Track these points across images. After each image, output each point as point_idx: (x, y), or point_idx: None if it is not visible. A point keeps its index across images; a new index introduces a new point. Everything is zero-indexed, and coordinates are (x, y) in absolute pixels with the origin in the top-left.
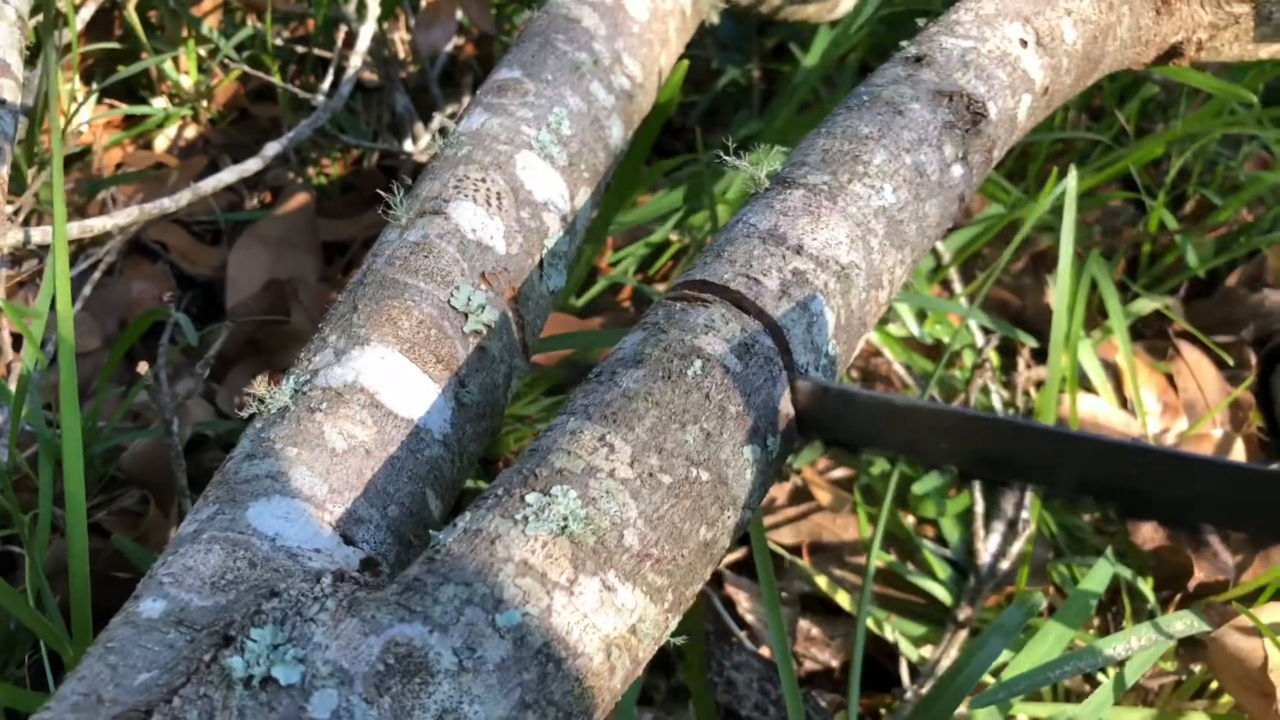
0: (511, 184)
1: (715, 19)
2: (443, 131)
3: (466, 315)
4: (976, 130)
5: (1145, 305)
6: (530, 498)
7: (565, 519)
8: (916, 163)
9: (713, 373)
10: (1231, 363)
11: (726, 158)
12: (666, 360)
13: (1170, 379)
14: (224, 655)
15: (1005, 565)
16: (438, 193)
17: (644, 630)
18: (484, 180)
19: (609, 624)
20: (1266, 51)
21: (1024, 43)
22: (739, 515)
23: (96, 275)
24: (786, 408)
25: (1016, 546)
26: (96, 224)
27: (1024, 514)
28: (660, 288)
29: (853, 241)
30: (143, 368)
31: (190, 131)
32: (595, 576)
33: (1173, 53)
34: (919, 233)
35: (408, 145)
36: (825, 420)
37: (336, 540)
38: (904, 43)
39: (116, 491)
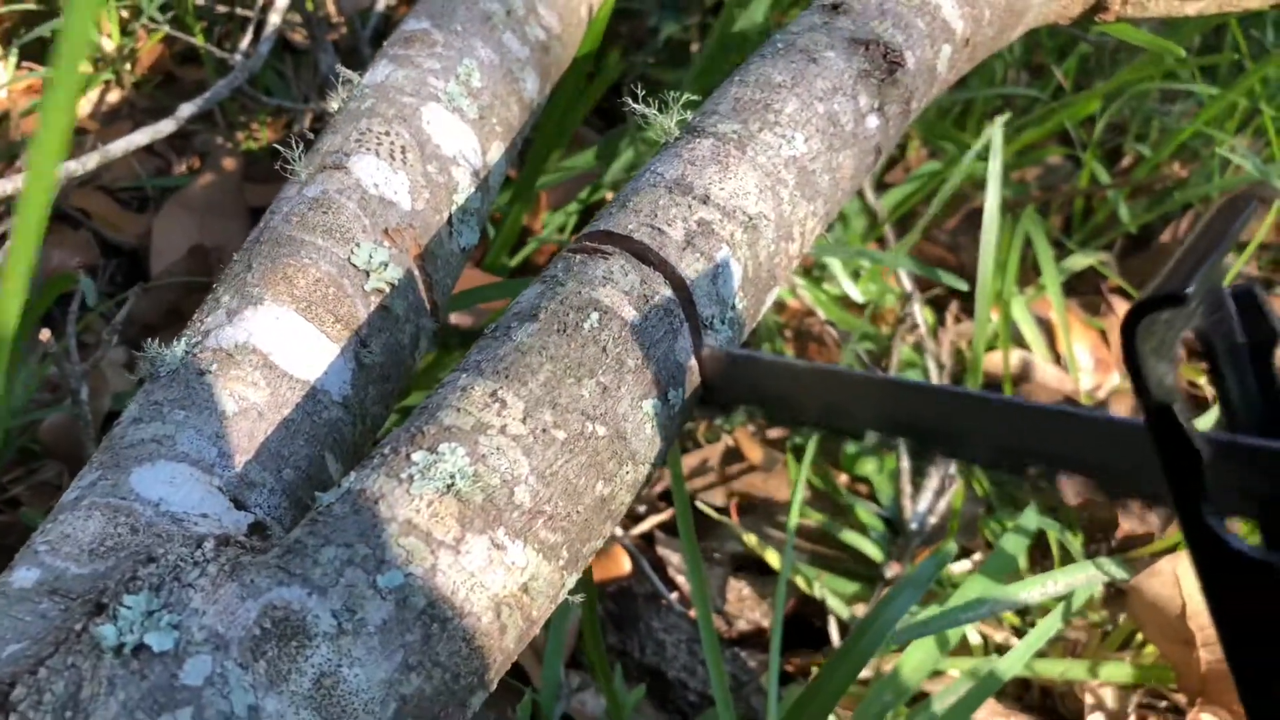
0: (418, 138)
1: None
2: (346, 84)
3: (368, 273)
4: (893, 79)
5: (1079, 261)
6: (416, 456)
7: (452, 477)
8: (830, 112)
9: (610, 325)
10: None
11: (635, 106)
12: (562, 313)
13: (1104, 335)
14: (95, 624)
15: (935, 521)
16: (339, 147)
17: (537, 588)
18: (387, 134)
19: (498, 583)
20: (1193, 8)
21: None
22: (638, 470)
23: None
24: (690, 361)
25: (944, 503)
26: (4, 185)
27: (951, 471)
28: None
29: (761, 191)
30: (44, 335)
31: (114, 96)
32: (484, 535)
33: (1099, 7)
34: (832, 184)
35: (334, 108)
36: (734, 387)
37: (226, 505)
38: None
39: (34, 465)
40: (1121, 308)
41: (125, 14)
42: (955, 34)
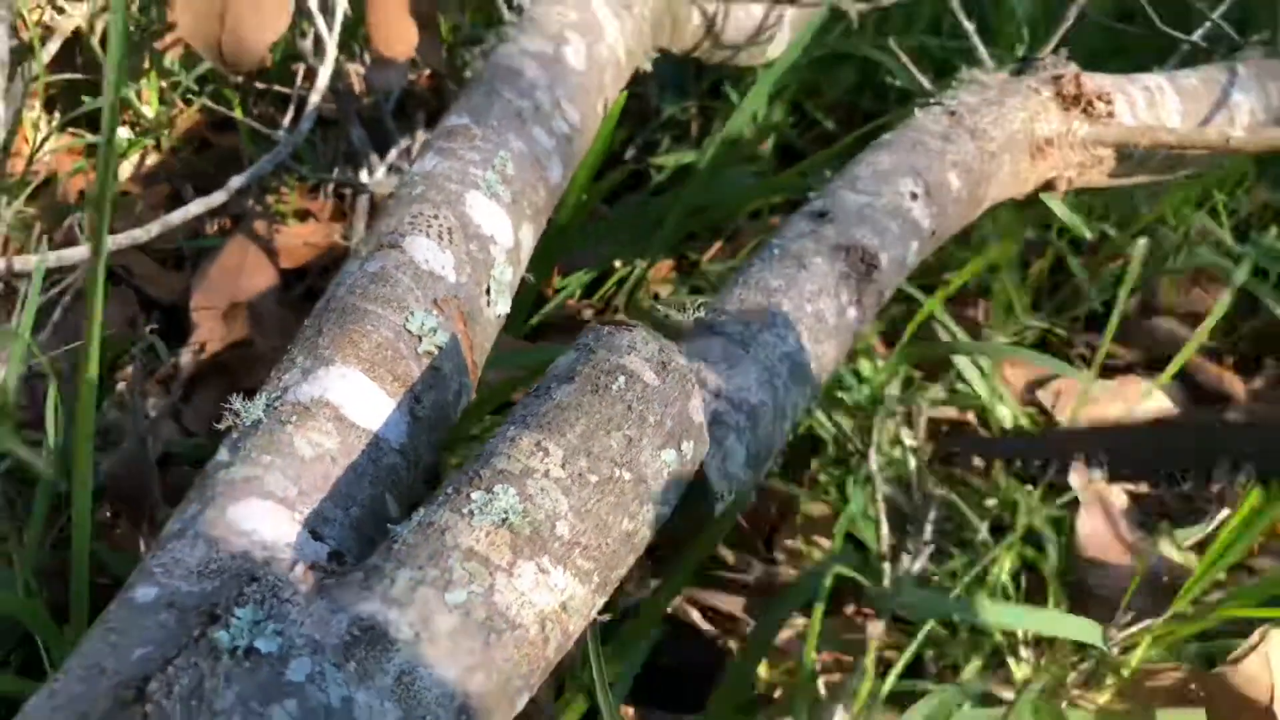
0: (461, 220)
1: (648, 66)
2: (399, 171)
3: (420, 338)
4: (869, 279)
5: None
6: (475, 495)
7: (506, 512)
8: (817, 310)
9: (634, 386)
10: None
11: (659, 306)
12: (594, 376)
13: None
14: (211, 631)
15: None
16: (394, 228)
17: (573, 607)
18: (436, 217)
19: (543, 601)
20: (1136, 179)
21: (914, 195)
22: (657, 510)
23: (66, 300)
24: (699, 418)
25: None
26: (71, 254)
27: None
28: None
29: (761, 384)
30: (121, 384)
31: (152, 159)
32: (531, 561)
33: (1048, 186)
34: (818, 369)
35: (363, 176)
36: None
37: (306, 536)
38: (811, 194)
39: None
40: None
41: (165, 85)
42: (923, 230)
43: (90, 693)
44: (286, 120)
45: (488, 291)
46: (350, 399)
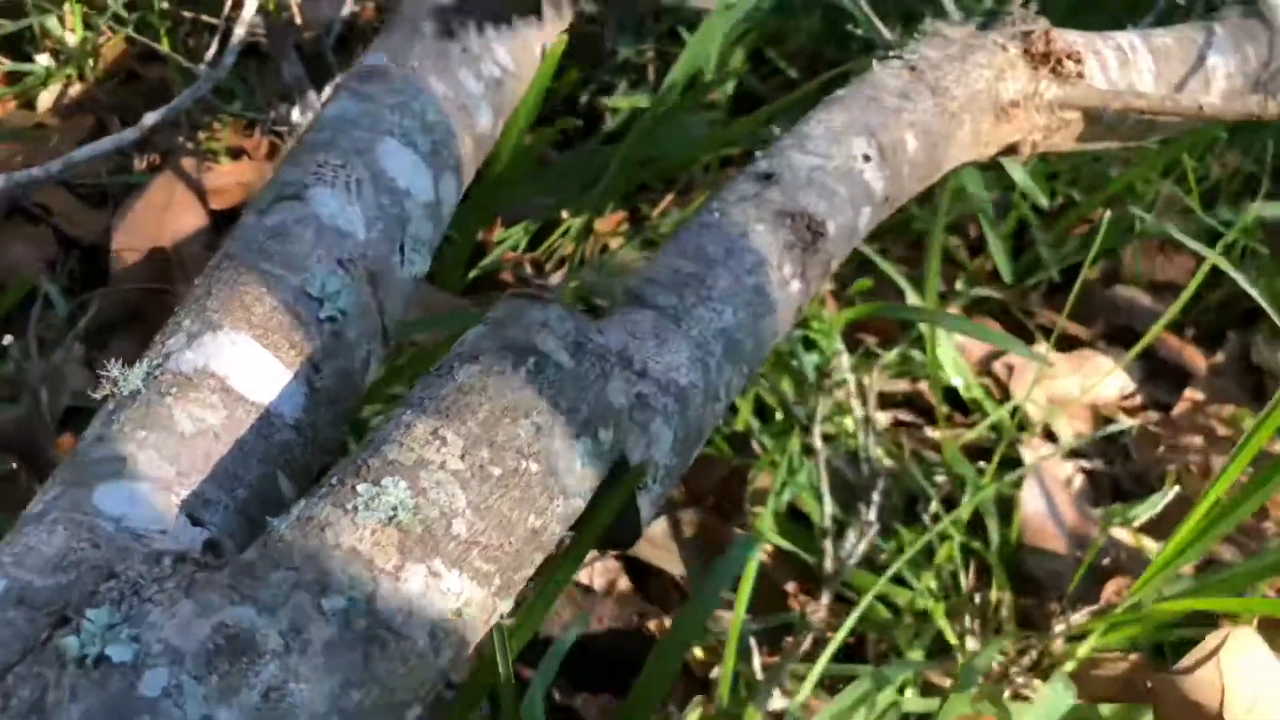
0: (373, 170)
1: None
2: (311, 112)
3: (322, 301)
4: (815, 248)
5: (982, 292)
6: (361, 488)
7: (394, 508)
8: (757, 284)
9: (546, 369)
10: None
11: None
12: (501, 355)
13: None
14: (59, 635)
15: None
16: (298, 178)
17: (469, 613)
18: (344, 166)
19: (434, 608)
20: (1101, 146)
21: (867, 158)
22: (569, 504)
23: None
24: (620, 401)
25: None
26: None
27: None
28: (550, 267)
29: (693, 363)
30: (7, 339)
31: (75, 90)
32: (421, 564)
33: (1011, 149)
34: (755, 347)
35: (299, 114)
36: None
37: (184, 522)
38: (758, 153)
39: None
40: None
41: (89, 9)
42: (875, 195)
43: None
44: (210, 53)
45: (401, 250)
46: (239, 369)
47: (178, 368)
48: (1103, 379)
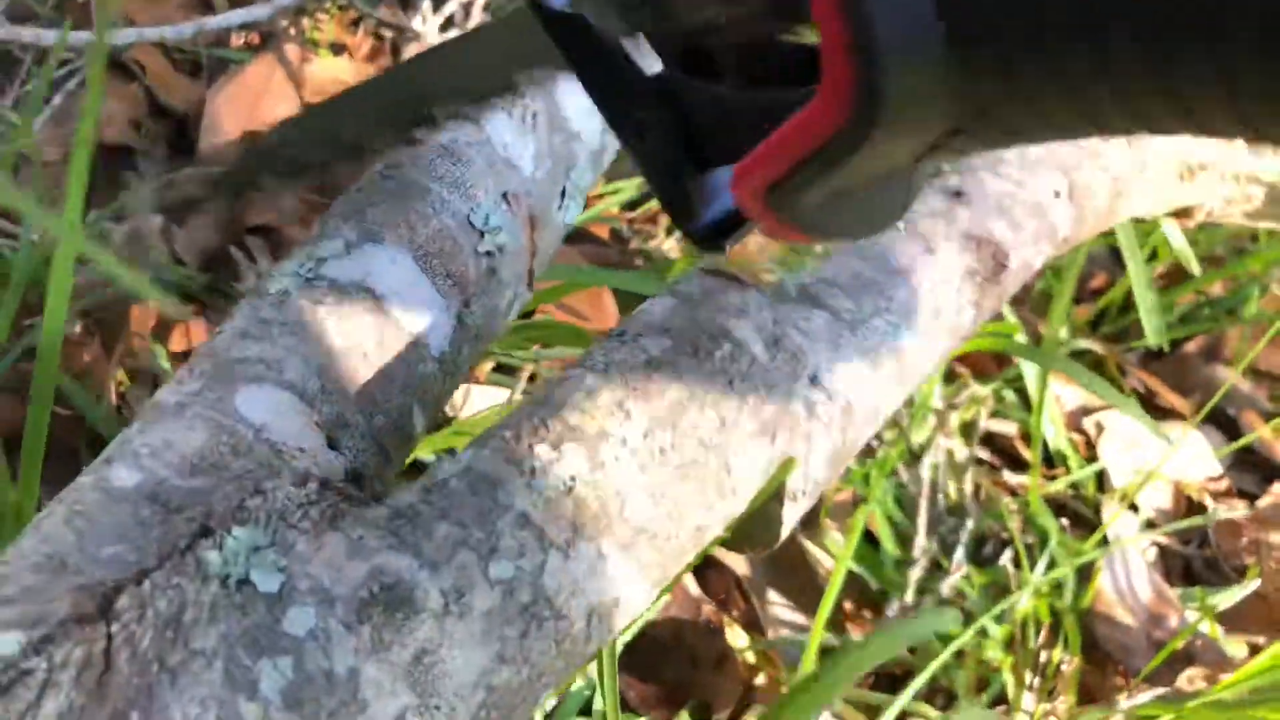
0: (549, 105)
1: None
2: (453, 25)
3: (483, 234)
4: (996, 279)
5: (1083, 345)
6: (540, 449)
7: (572, 478)
8: (936, 306)
9: (740, 359)
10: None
11: (771, 265)
12: (695, 336)
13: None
14: (201, 546)
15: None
16: None
17: (626, 604)
18: (523, 96)
19: (598, 591)
20: (1264, 225)
21: (1057, 194)
22: (734, 503)
23: (71, 85)
24: (801, 409)
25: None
26: (79, 38)
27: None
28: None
29: (862, 377)
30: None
31: None
32: (593, 542)
33: (1183, 212)
34: (920, 373)
35: (414, 21)
36: None
37: (322, 441)
38: (947, 166)
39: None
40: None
41: None
42: (1057, 234)
43: (46, 590)
44: None
45: (563, 194)
46: (396, 289)
47: (334, 276)
48: (1192, 458)
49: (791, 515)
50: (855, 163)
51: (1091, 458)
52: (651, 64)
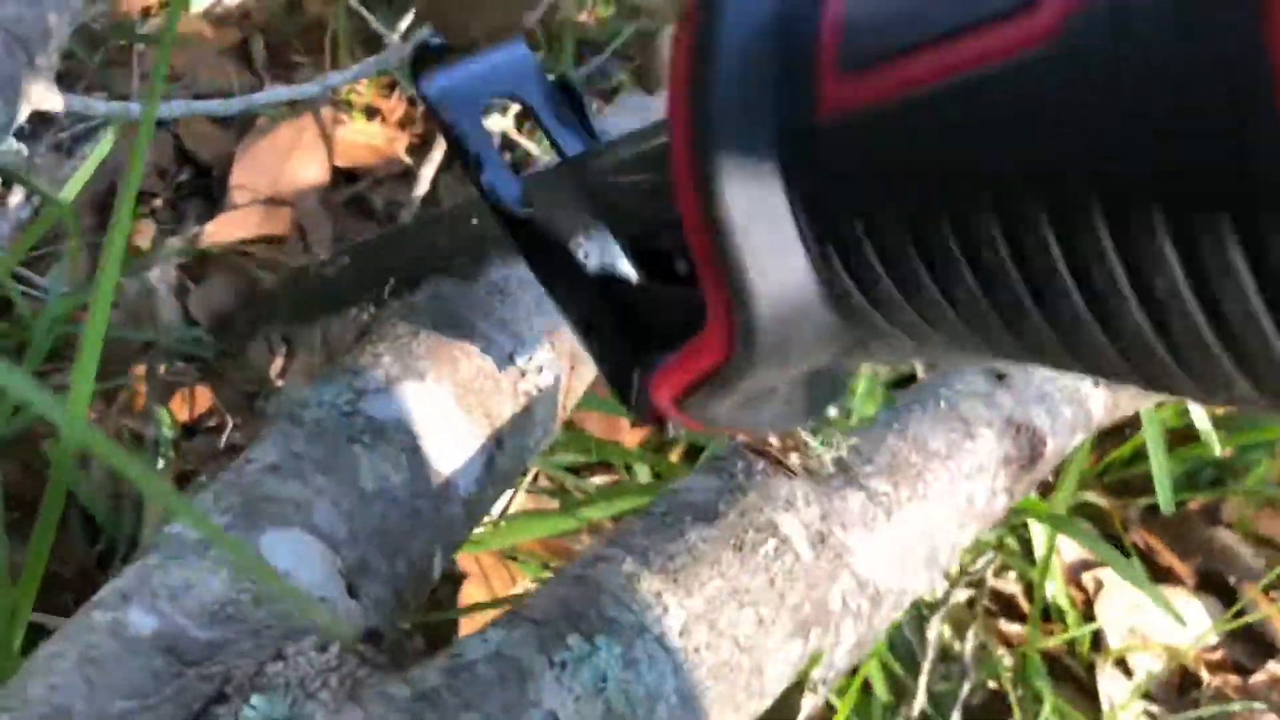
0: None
1: None
2: None
3: (524, 373)
4: (1031, 467)
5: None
6: (572, 640)
7: (604, 677)
8: (970, 492)
9: (784, 557)
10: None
11: (805, 437)
12: (742, 529)
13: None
14: (216, 711)
15: None
16: None
17: None
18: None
19: None
20: None
21: (1096, 382)
22: (762, 704)
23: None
24: (838, 606)
25: None
26: (117, 109)
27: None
28: None
29: (892, 564)
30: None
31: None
32: None
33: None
34: (949, 556)
35: None
36: None
37: (342, 589)
38: None
39: (63, 366)
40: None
41: None
42: (1092, 423)
43: None
44: (403, 25)
45: None
46: (433, 429)
47: (372, 413)
48: (1189, 625)
49: (807, 706)
50: (746, 385)
51: (1089, 613)
52: (595, 261)
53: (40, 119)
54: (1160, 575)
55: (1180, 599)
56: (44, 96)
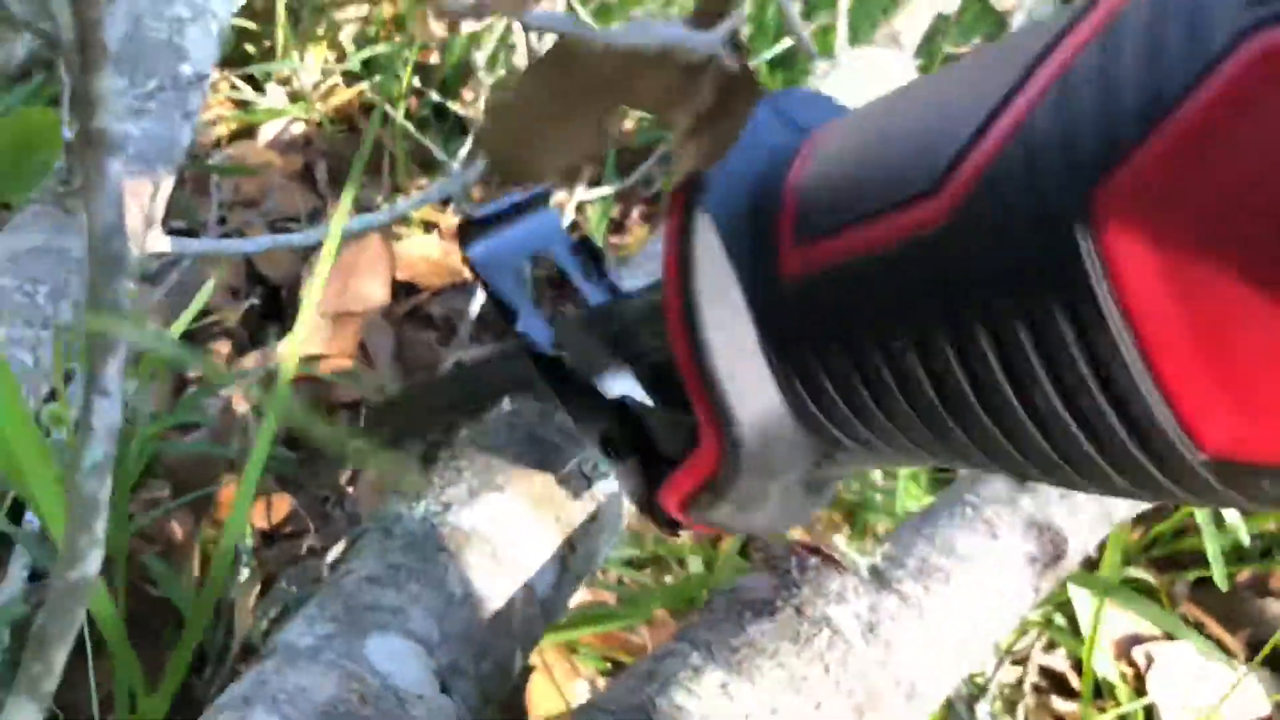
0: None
1: None
2: None
3: (590, 480)
4: (1054, 565)
5: (1136, 574)
6: None
7: None
8: (998, 588)
9: (837, 646)
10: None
11: (841, 547)
12: (796, 621)
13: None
14: None
15: None
16: None
17: None
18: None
19: None
20: None
21: None
22: None
23: (185, 263)
24: (888, 690)
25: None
26: (226, 246)
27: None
28: None
29: (926, 662)
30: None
31: (297, 128)
32: None
33: None
34: (982, 652)
35: None
36: None
37: (436, 688)
38: None
39: (145, 482)
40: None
41: (331, 57)
42: (1114, 516)
43: None
44: (464, 151)
45: None
46: (512, 537)
47: (457, 523)
48: (1244, 699)
49: None
50: (737, 493)
51: (1140, 689)
52: (615, 391)
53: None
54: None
55: (1234, 674)
56: (156, 241)
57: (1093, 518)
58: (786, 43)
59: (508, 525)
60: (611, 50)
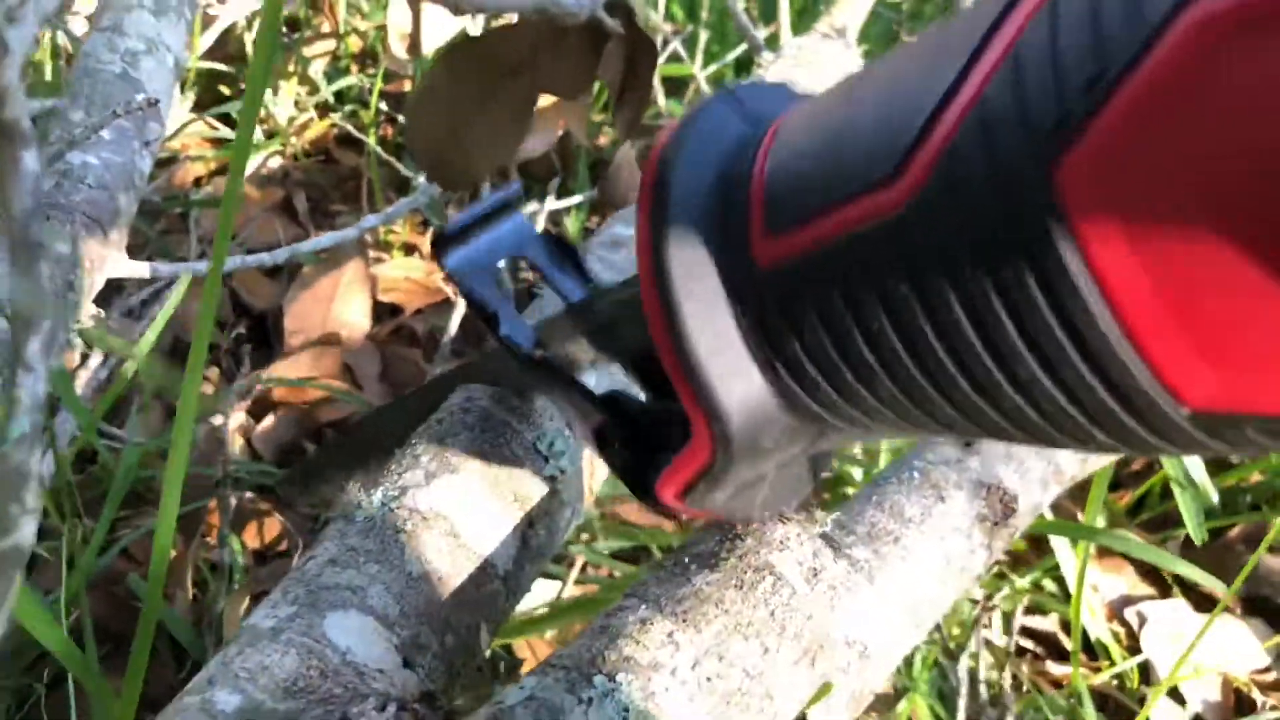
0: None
1: None
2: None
3: (548, 459)
4: (1005, 523)
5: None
6: (597, 680)
7: (626, 709)
8: (946, 551)
9: (781, 591)
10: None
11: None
12: (741, 570)
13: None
14: None
15: None
16: None
17: None
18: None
19: None
20: None
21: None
22: None
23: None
24: (838, 634)
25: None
26: (186, 268)
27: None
28: None
29: (879, 623)
30: (218, 420)
31: (274, 162)
32: None
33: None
34: (932, 613)
35: None
36: None
37: (399, 662)
38: None
39: (141, 508)
40: (1160, 606)
41: (303, 92)
42: (1065, 475)
43: None
44: None
45: None
46: (468, 516)
47: (414, 505)
48: (1238, 649)
49: None
50: (731, 478)
51: (1134, 648)
52: (602, 386)
53: (113, 287)
54: (1204, 604)
55: (1227, 625)
56: (119, 265)
57: (1041, 476)
58: (744, 47)
59: (464, 505)
60: (509, 32)
